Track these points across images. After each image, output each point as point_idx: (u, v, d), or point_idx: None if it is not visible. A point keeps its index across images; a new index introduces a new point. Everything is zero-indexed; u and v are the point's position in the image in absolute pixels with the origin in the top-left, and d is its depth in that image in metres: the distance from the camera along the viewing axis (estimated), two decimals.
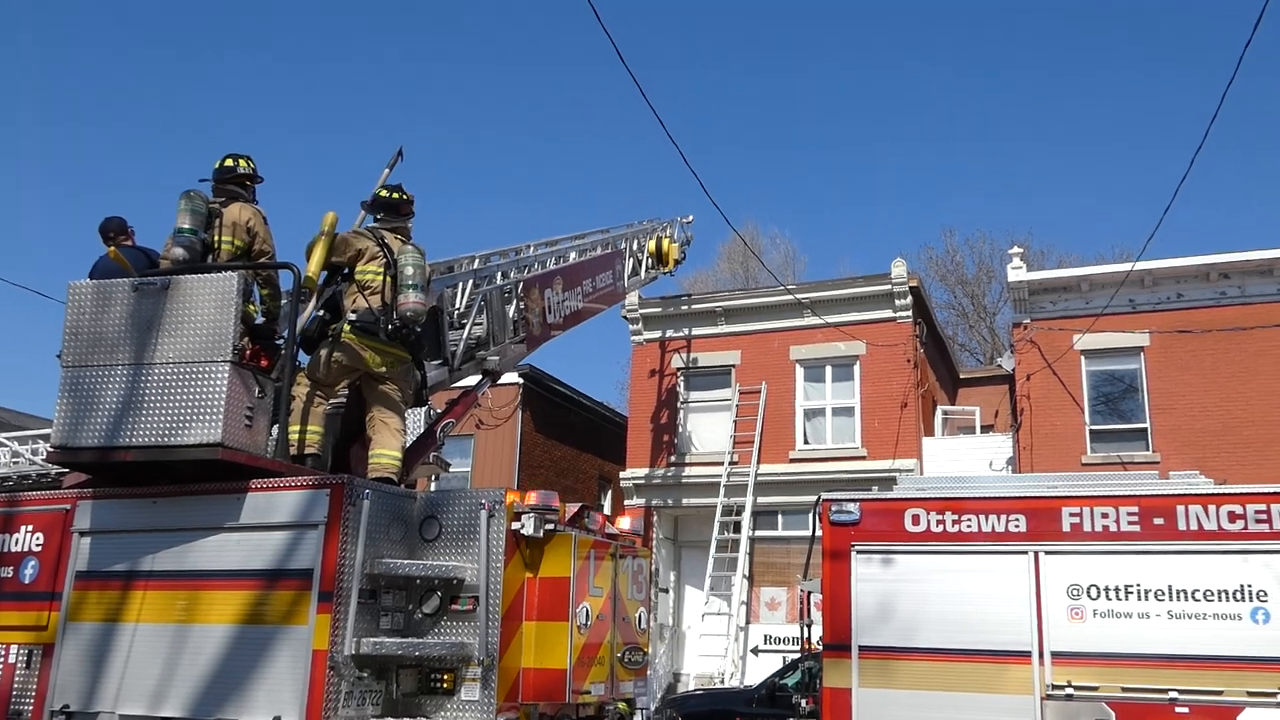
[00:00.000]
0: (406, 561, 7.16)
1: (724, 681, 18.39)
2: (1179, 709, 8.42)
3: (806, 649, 17.11)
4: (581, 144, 76.96)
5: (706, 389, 22.50)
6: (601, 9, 9.44)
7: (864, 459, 20.47)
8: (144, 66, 72.31)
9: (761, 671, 17.79)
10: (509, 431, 24.59)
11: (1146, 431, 19.31)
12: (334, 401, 8.62)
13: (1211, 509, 8.87)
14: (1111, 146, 64.67)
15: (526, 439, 24.91)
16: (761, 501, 20.65)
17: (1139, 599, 8.83)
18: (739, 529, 20.21)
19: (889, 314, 21.16)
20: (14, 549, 7.77)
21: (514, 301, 10.81)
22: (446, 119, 78.08)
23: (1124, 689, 8.62)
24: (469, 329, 9.91)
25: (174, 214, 7.87)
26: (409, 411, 9.18)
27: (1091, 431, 19.66)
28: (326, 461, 8.32)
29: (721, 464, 20.91)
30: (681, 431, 22.38)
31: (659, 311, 22.89)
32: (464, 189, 77.72)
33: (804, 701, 12.44)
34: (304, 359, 8.30)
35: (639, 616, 8.68)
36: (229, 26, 72.68)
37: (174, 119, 72.04)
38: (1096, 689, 8.69)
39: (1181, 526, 8.89)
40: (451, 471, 20.15)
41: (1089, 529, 9.10)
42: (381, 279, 8.13)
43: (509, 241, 12.56)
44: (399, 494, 7.51)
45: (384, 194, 8.65)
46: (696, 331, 22.68)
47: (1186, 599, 8.72)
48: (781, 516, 20.96)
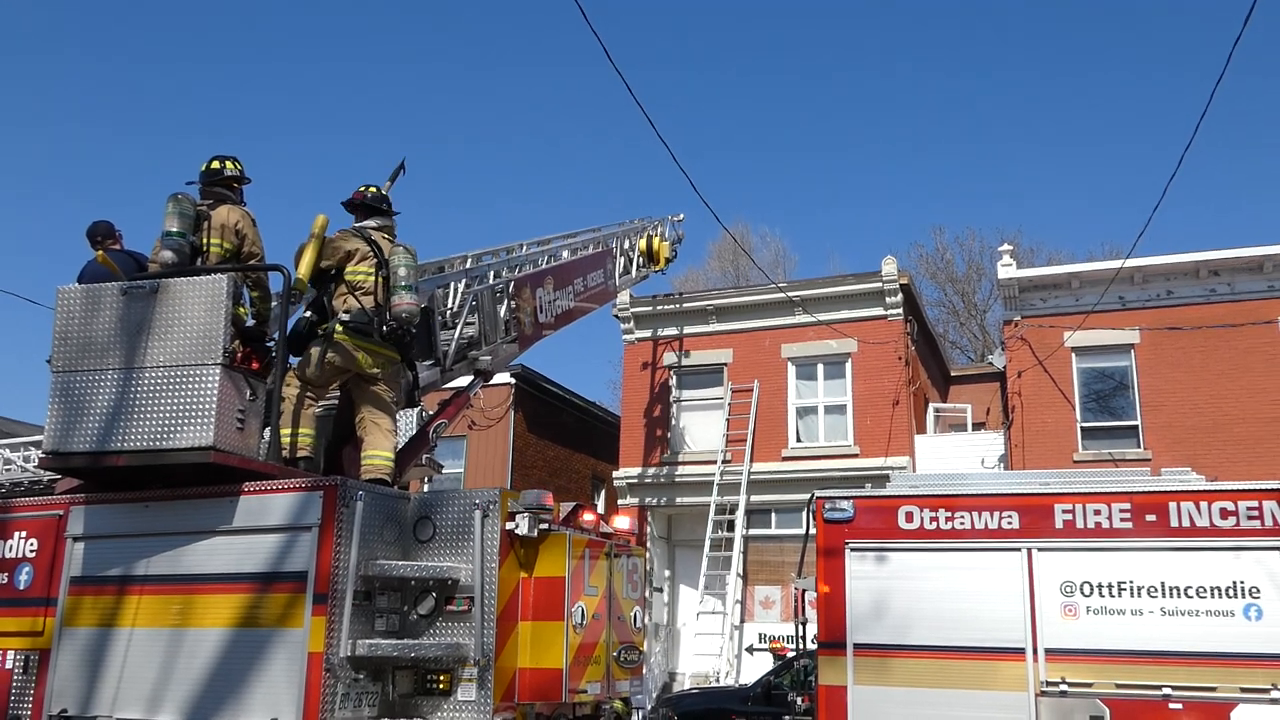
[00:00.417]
0: (401, 563, 7.15)
1: (719, 680, 18.40)
2: (1172, 705, 8.45)
3: (781, 654, 17.21)
4: (573, 144, 77.08)
5: (699, 387, 22.52)
6: (592, 10, 9.43)
7: (856, 457, 20.50)
8: (135, 69, 72.16)
9: (756, 670, 17.83)
10: (501, 432, 24.57)
11: (1137, 428, 19.39)
12: (325, 404, 8.60)
13: (1203, 506, 8.91)
14: (1101, 144, 64.96)
15: (519, 439, 24.88)
16: (755, 500, 20.68)
17: (1132, 595, 8.86)
18: (733, 528, 20.23)
19: (880, 312, 21.19)
20: (8, 555, 7.74)
21: (505, 301, 10.80)
22: (439, 119, 78.13)
23: (1118, 685, 8.65)
24: (460, 329, 9.90)
25: (162, 217, 7.84)
26: (401, 413, 9.17)
27: (1083, 429, 19.72)
28: (319, 464, 8.31)
29: (714, 463, 20.92)
30: (674, 430, 22.39)
31: (650, 310, 22.89)
32: (457, 189, 77.76)
33: (799, 699, 12.45)
34: (293, 360, 8.27)
35: (634, 615, 8.68)
36: (225, 27, 72.55)
37: (165, 121, 71.91)
38: (1090, 685, 8.73)
39: (1174, 523, 8.92)
40: (444, 473, 20.14)
41: (1082, 526, 9.13)
42: (373, 279, 8.09)
43: (502, 241, 12.53)
44: (392, 495, 7.50)
45: (365, 194, 8.59)
46: (688, 330, 22.69)
47: (1179, 595, 8.76)
48: (775, 515, 21.00)
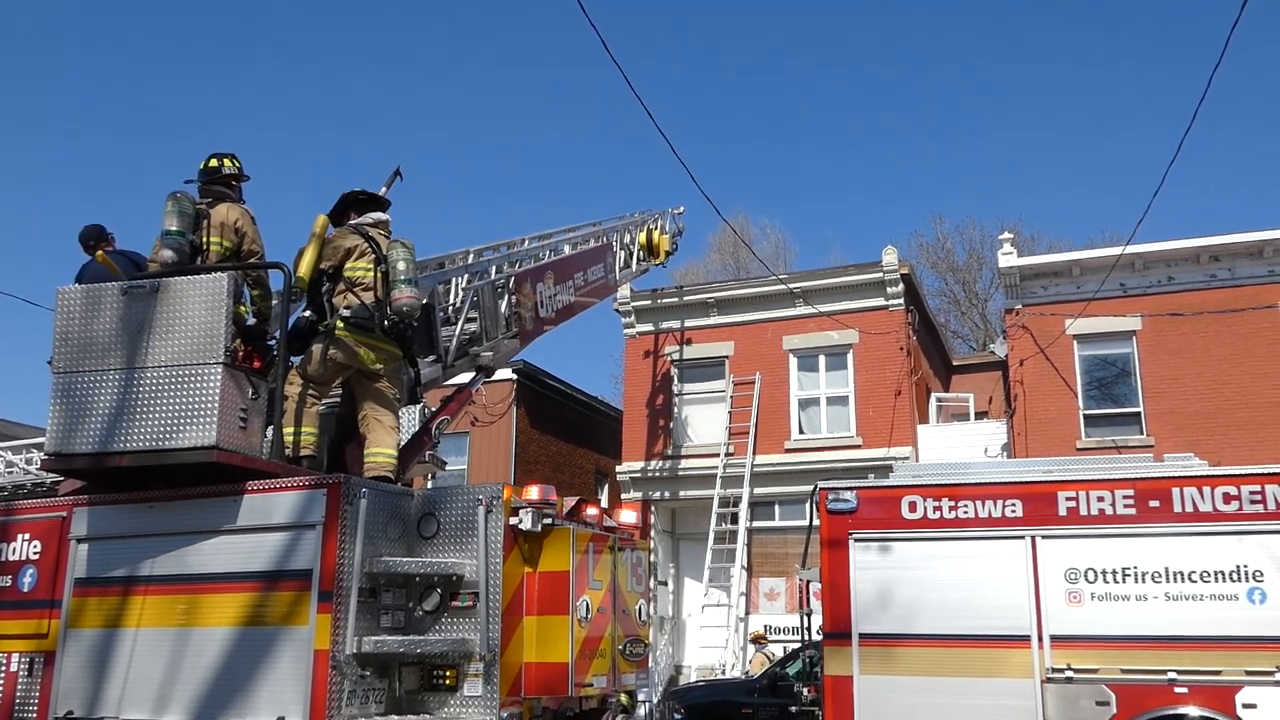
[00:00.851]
0: (405, 559, 7.16)
1: (725, 673, 18.42)
2: (1178, 689, 8.47)
3: (761, 642, 17.30)
4: (574, 138, 76.98)
5: (700, 380, 22.52)
6: (592, 4, 9.40)
7: (859, 447, 20.51)
8: (132, 69, 72.08)
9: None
10: (504, 428, 24.57)
11: (1140, 415, 19.37)
12: (328, 402, 8.60)
13: (1206, 491, 8.92)
14: (1100, 131, 64.84)
15: (522, 435, 24.89)
16: (758, 492, 20.68)
17: (1136, 581, 8.87)
18: (736, 520, 20.24)
19: (881, 302, 21.18)
20: (12, 558, 7.75)
21: (506, 296, 10.78)
22: (440, 114, 78.02)
23: (1123, 670, 8.66)
24: (461, 324, 9.89)
25: (161, 216, 7.84)
26: (403, 410, 9.17)
27: (1085, 416, 19.71)
28: (322, 462, 8.31)
29: (717, 455, 20.93)
30: (676, 423, 22.39)
31: (651, 304, 22.87)
32: (457, 184, 77.68)
33: (805, 690, 12.47)
34: (295, 359, 8.27)
35: (639, 609, 8.69)
36: (222, 27, 72.45)
37: (165, 122, 71.83)
38: (1096, 671, 8.74)
39: (1177, 509, 8.93)
40: (447, 469, 20.11)
41: (1085, 512, 9.13)
42: (372, 275, 8.07)
43: (502, 236, 12.52)
44: (396, 492, 7.51)
45: (359, 193, 8.58)
46: (689, 323, 22.68)
47: (1183, 580, 8.77)
48: (778, 507, 21.01)
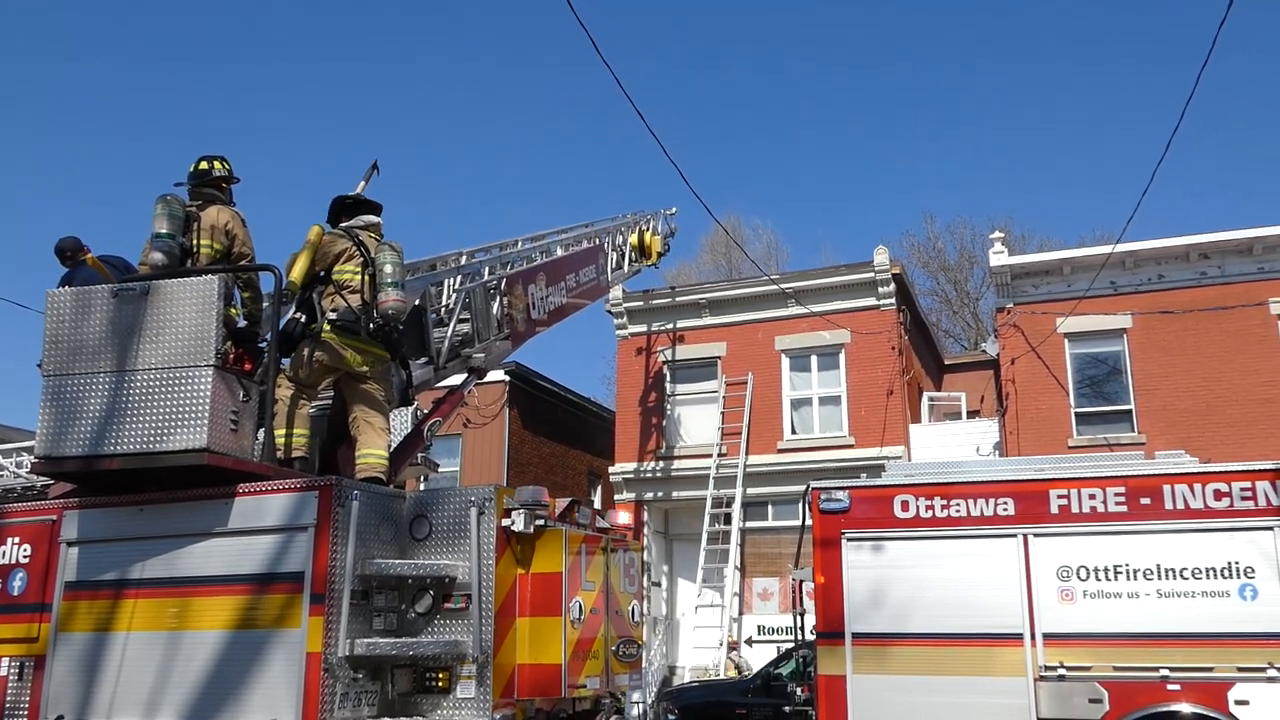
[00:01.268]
0: (398, 561, 7.14)
1: (721, 673, 18.41)
2: (1170, 686, 8.50)
3: (732, 646, 17.42)
4: (573, 138, 76.88)
5: (693, 381, 22.51)
6: (583, 4, 9.39)
7: (852, 447, 20.53)
8: (133, 70, 71.85)
9: (756, 662, 17.87)
10: (496, 429, 24.56)
11: (1131, 413, 19.43)
12: (319, 404, 8.59)
13: (1197, 488, 8.96)
14: (1090, 130, 65.04)
15: (514, 436, 24.88)
16: (751, 492, 20.69)
17: (1128, 579, 8.90)
18: (729, 520, 20.24)
19: (873, 302, 21.21)
20: (1, 561, 7.69)
21: (498, 298, 10.78)
22: (440, 114, 77.90)
23: (1116, 668, 8.70)
24: (453, 326, 9.88)
25: (151, 219, 7.81)
26: (395, 412, 9.15)
27: (1077, 414, 19.76)
28: (314, 464, 8.29)
29: (710, 456, 20.93)
30: (669, 424, 22.39)
31: (643, 305, 22.87)
32: (457, 184, 77.63)
33: (799, 690, 12.48)
34: (285, 362, 8.26)
35: (632, 609, 8.68)
36: (222, 27, 72.26)
37: (164, 122, 71.63)
38: (1089, 669, 8.77)
39: (1168, 506, 8.97)
40: (440, 471, 20.10)
41: (1077, 510, 9.17)
42: (360, 278, 8.08)
43: (501, 236, 12.54)
44: (388, 494, 7.49)
45: (350, 197, 8.63)
46: (681, 324, 22.68)
47: (1175, 577, 8.80)
48: (771, 507, 21.01)
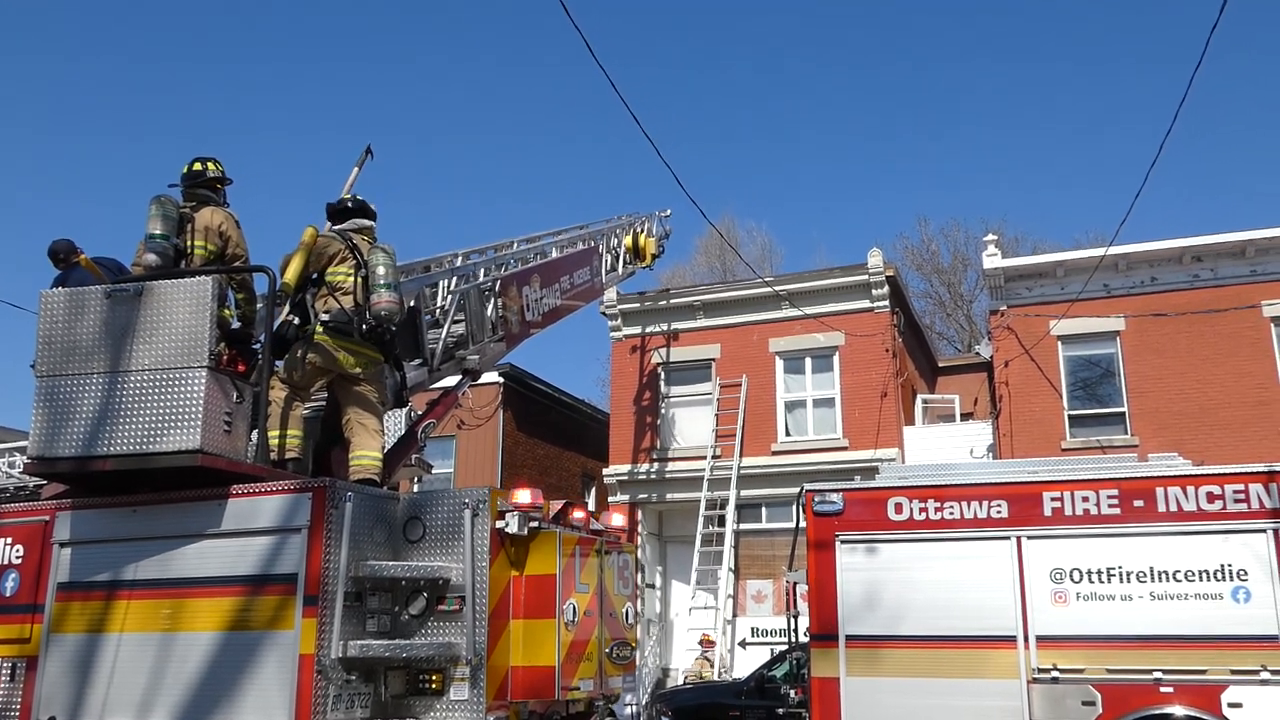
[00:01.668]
0: (391, 563, 7.13)
1: (716, 675, 18.39)
2: (1164, 689, 8.51)
3: (708, 645, 17.56)
4: (573, 138, 76.85)
5: (687, 383, 22.50)
6: (578, 7, 9.41)
7: (846, 449, 20.53)
8: (133, 69, 71.69)
9: (749, 664, 17.84)
10: (490, 431, 24.52)
11: (1124, 415, 19.46)
12: (312, 405, 8.58)
13: (1190, 490, 8.97)
14: (1083, 133, 65.16)
15: (508, 438, 24.84)
16: (745, 494, 20.69)
17: (1121, 581, 8.92)
18: (723, 522, 20.25)
19: (866, 304, 21.23)
20: None
21: (492, 300, 10.78)
22: (439, 114, 77.80)
23: (1109, 670, 8.70)
24: (448, 328, 9.88)
25: (145, 220, 7.80)
26: (390, 413, 9.14)
27: (1070, 416, 19.78)
28: (307, 465, 8.27)
29: (704, 458, 20.93)
30: (663, 426, 22.38)
31: (638, 307, 22.87)
32: (457, 184, 77.55)
33: (793, 692, 12.48)
34: (278, 363, 8.25)
35: (626, 611, 8.68)
36: (222, 27, 72.13)
37: (164, 122, 71.48)
38: (1082, 671, 8.78)
39: (1161, 508, 8.99)
40: (434, 473, 20.07)
41: (1070, 513, 9.18)
42: (352, 280, 8.10)
43: (501, 236, 12.58)
44: (382, 495, 7.48)
45: (346, 201, 8.66)
46: (676, 326, 22.69)
47: (1168, 580, 8.81)
48: (765, 509, 21.00)
